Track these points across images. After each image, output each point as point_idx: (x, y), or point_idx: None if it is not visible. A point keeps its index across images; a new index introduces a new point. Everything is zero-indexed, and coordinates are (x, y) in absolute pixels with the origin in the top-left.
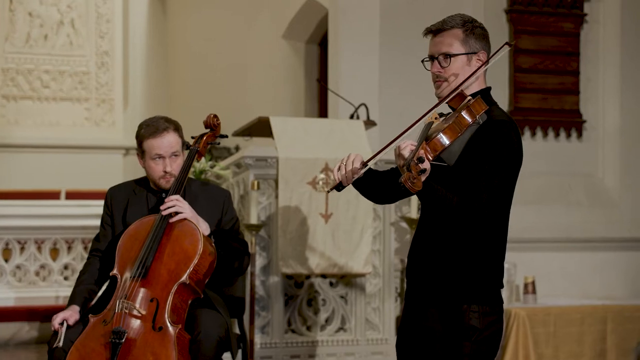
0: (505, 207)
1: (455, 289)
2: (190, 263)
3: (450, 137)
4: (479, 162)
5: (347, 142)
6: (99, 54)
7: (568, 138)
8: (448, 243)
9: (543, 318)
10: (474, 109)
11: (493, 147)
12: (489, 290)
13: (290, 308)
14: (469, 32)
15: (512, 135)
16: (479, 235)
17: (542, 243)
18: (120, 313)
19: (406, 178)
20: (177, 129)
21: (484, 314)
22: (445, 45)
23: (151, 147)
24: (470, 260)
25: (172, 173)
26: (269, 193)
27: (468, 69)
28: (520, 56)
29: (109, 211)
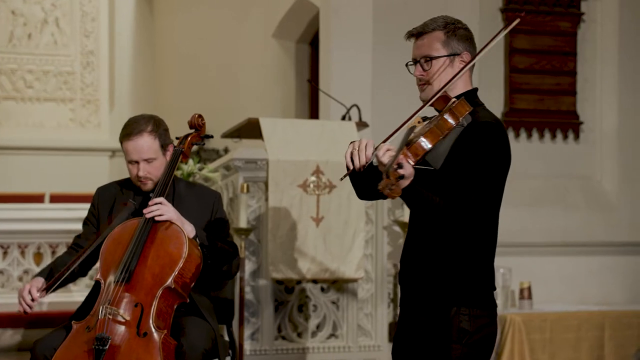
0: (494, 208)
1: (445, 292)
2: (175, 267)
3: (432, 141)
4: (464, 164)
5: (339, 144)
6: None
7: (565, 140)
8: (437, 246)
9: (539, 324)
10: (456, 111)
11: (477, 149)
12: (480, 293)
13: (280, 314)
14: (450, 34)
15: (497, 136)
16: (468, 237)
17: (539, 247)
18: (104, 319)
19: (384, 185)
20: (154, 130)
21: (475, 316)
22: (427, 48)
23: (126, 151)
24: (460, 262)
25: (147, 177)
26: (258, 196)
27: (451, 70)
28: (515, 56)
29: (95, 210)
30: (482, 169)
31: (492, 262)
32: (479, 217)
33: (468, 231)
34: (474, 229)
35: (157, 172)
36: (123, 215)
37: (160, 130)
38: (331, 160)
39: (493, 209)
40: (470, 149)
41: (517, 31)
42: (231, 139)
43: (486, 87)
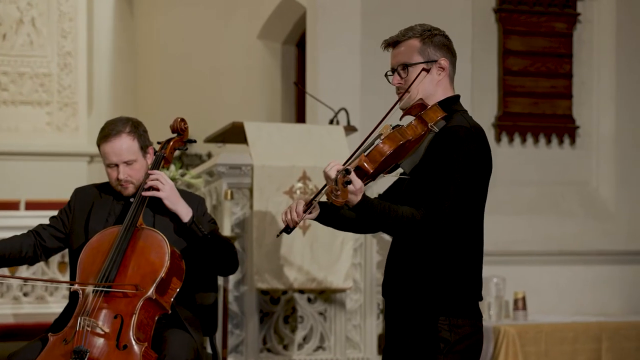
0: (473, 215)
1: (425, 302)
2: (156, 277)
3: (391, 146)
4: (434, 171)
5: (326, 149)
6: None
7: (560, 145)
8: (418, 255)
9: (534, 336)
10: (426, 117)
11: (445, 154)
12: (462, 302)
13: (265, 325)
14: (427, 41)
15: (468, 140)
16: (447, 246)
17: (533, 256)
18: (82, 331)
19: (328, 191)
20: (133, 131)
21: (456, 326)
22: (403, 56)
23: (104, 154)
24: (440, 271)
25: (128, 180)
26: (243, 203)
27: (429, 77)
28: (509, 58)
29: (69, 211)
30: (454, 175)
31: (476, 271)
32: (452, 224)
33: (446, 240)
34: (453, 237)
35: (138, 175)
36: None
37: (139, 131)
38: (318, 166)
39: (471, 216)
40: (439, 155)
41: (511, 32)
42: (215, 144)
43: (479, 90)
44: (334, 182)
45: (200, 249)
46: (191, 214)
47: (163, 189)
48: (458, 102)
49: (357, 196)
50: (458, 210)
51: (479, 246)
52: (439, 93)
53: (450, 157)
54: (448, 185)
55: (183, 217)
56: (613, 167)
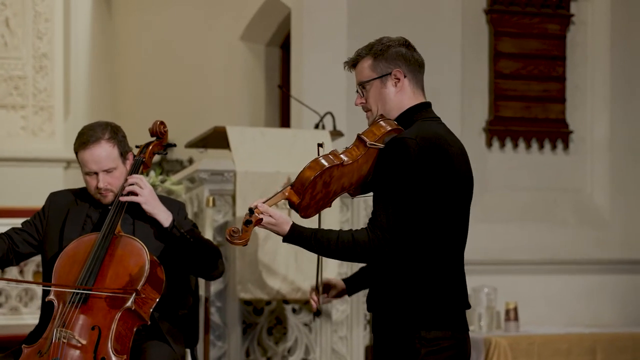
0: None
1: (403, 315)
2: (136, 286)
3: (314, 170)
4: (375, 187)
5: (312, 155)
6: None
7: (553, 150)
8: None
9: (526, 347)
10: (364, 136)
11: (381, 169)
12: (436, 314)
13: (248, 337)
14: (377, 56)
15: (406, 151)
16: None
17: (525, 265)
18: (58, 343)
19: (227, 233)
20: (112, 137)
21: (427, 339)
22: (359, 75)
23: (82, 161)
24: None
25: (107, 188)
26: (225, 210)
27: (385, 91)
28: (501, 60)
29: (43, 218)
30: (384, 191)
31: (452, 280)
32: (393, 244)
33: (413, 253)
34: (418, 249)
35: (118, 182)
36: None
37: (118, 137)
38: None
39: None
40: (377, 171)
41: (503, 34)
42: (196, 149)
43: (469, 93)
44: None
45: (183, 254)
46: (171, 218)
47: (142, 194)
48: (425, 110)
49: (283, 228)
50: (401, 226)
51: (453, 255)
52: (403, 103)
53: (385, 173)
54: (385, 202)
55: (163, 222)
56: (608, 173)
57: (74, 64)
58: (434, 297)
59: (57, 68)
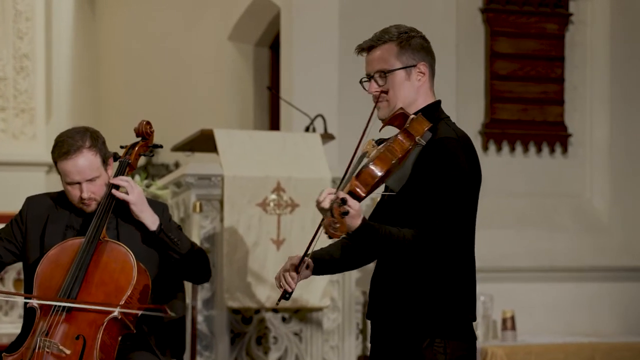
0: (467, 232)
1: (418, 323)
2: (122, 295)
3: (382, 167)
4: (427, 189)
5: (302, 158)
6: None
7: (552, 154)
8: (409, 274)
9: (523, 357)
10: (412, 130)
11: (438, 170)
12: (456, 323)
13: (237, 347)
14: (404, 44)
15: (458, 152)
16: (442, 264)
17: (523, 272)
18: (41, 352)
19: (327, 224)
20: (93, 145)
21: (452, 348)
22: (380, 62)
23: (63, 172)
24: (433, 291)
25: (91, 197)
26: (213, 216)
27: (409, 84)
28: (497, 61)
29: (21, 222)
30: (446, 193)
31: (471, 290)
32: (453, 246)
33: (440, 258)
34: (448, 255)
35: (100, 190)
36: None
37: (99, 144)
38: (294, 177)
39: (466, 232)
40: (430, 170)
41: (499, 34)
42: (182, 153)
43: (464, 95)
44: (330, 214)
45: (170, 258)
46: (158, 222)
47: (132, 192)
48: (440, 109)
49: (357, 221)
50: (455, 230)
51: (471, 263)
52: (419, 100)
53: (443, 173)
54: (445, 203)
55: (150, 226)
56: (607, 177)
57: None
58: (457, 305)
59: (38, 69)
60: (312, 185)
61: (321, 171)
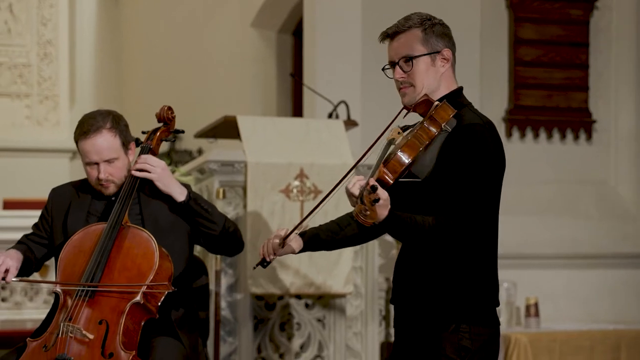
0: (492, 217)
1: (443, 308)
2: (144, 280)
3: (410, 155)
4: (454, 174)
5: (325, 145)
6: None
7: (576, 140)
8: (434, 260)
9: (547, 344)
10: (437, 117)
11: (465, 156)
12: (481, 309)
13: (260, 333)
14: (428, 30)
15: (486, 138)
16: (467, 249)
17: (546, 260)
18: (64, 337)
19: (357, 211)
20: (114, 127)
21: (477, 334)
22: (405, 48)
23: (83, 151)
24: (459, 277)
25: (109, 179)
26: (236, 202)
27: (433, 69)
28: (521, 47)
29: (47, 214)
30: (473, 179)
31: (495, 275)
32: (478, 230)
33: (465, 244)
34: (473, 241)
35: (119, 173)
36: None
37: (120, 127)
38: (317, 163)
39: (491, 218)
40: (457, 157)
41: (523, 20)
42: (205, 139)
43: (488, 82)
44: (360, 201)
45: (203, 227)
46: (186, 191)
47: (154, 171)
48: (462, 95)
49: (385, 210)
50: (482, 216)
51: (494, 248)
52: (443, 86)
53: (471, 160)
54: (473, 189)
55: (178, 197)
56: (632, 164)
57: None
58: (481, 291)
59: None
60: (335, 171)
61: (344, 158)
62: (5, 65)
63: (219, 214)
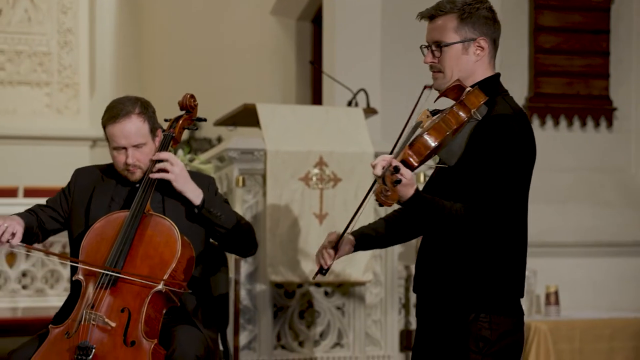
0: (521, 208)
1: (464, 297)
2: (166, 268)
3: (436, 138)
4: (481, 164)
5: (345, 133)
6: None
7: (596, 128)
8: (458, 248)
9: (567, 333)
10: (468, 103)
11: (494, 147)
12: (503, 299)
13: (279, 321)
14: (465, 17)
15: (515, 129)
16: (493, 238)
17: (567, 248)
18: (87, 325)
19: (378, 191)
20: (142, 112)
21: (497, 324)
22: (438, 33)
23: (111, 136)
24: (482, 265)
25: (136, 165)
26: (255, 190)
27: (465, 57)
28: (541, 34)
29: (69, 194)
30: (501, 170)
31: (520, 265)
32: (505, 221)
33: (491, 233)
34: (497, 230)
35: (146, 159)
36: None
37: (149, 112)
38: (336, 151)
39: (518, 208)
40: (486, 146)
41: (544, 7)
42: (225, 127)
43: (508, 69)
44: (382, 181)
45: (215, 232)
46: (201, 197)
47: (172, 171)
48: (498, 82)
49: (409, 190)
50: (508, 206)
51: (523, 239)
52: (477, 73)
53: (497, 150)
54: (498, 179)
55: (193, 200)
56: None
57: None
58: (505, 280)
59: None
60: (355, 159)
61: (363, 145)
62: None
63: (232, 217)
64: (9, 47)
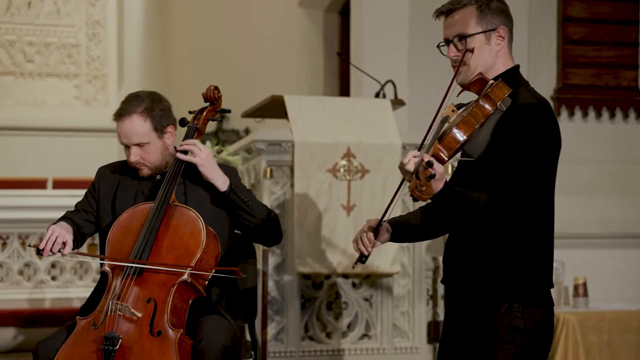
0: (547, 198)
1: (496, 287)
2: (191, 259)
3: (466, 132)
4: (507, 154)
5: (372, 124)
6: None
7: (625, 119)
8: (486, 239)
9: (596, 324)
10: (493, 95)
11: (519, 136)
12: (535, 289)
13: (307, 312)
14: (484, 8)
15: (540, 118)
16: (521, 229)
17: (595, 239)
18: (113, 315)
19: (413, 186)
20: (146, 111)
21: (530, 314)
22: (460, 26)
23: (118, 133)
24: (513, 256)
25: (140, 162)
26: (283, 182)
27: (488, 48)
28: (570, 26)
29: (95, 192)
30: (526, 159)
31: (549, 256)
32: (531, 211)
33: (519, 223)
34: (528, 220)
35: (151, 157)
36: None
37: (154, 112)
38: (364, 142)
39: (545, 198)
40: (511, 136)
41: None
42: (253, 119)
43: (537, 60)
44: (415, 176)
45: (241, 219)
46: (228, 182)
47: (199, 155)
48: (519, 73)
49: (440, 184)
50: (534, 196)
51: (550, 228)
52: (498, 65)
53: (523, 140)
54: (524, 170)
55: (220, 187)
56: None
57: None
58: (535, 270)
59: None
60: (382, 151)
61: (391, 137)
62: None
63: (259, 205)
64: (38, 39)
